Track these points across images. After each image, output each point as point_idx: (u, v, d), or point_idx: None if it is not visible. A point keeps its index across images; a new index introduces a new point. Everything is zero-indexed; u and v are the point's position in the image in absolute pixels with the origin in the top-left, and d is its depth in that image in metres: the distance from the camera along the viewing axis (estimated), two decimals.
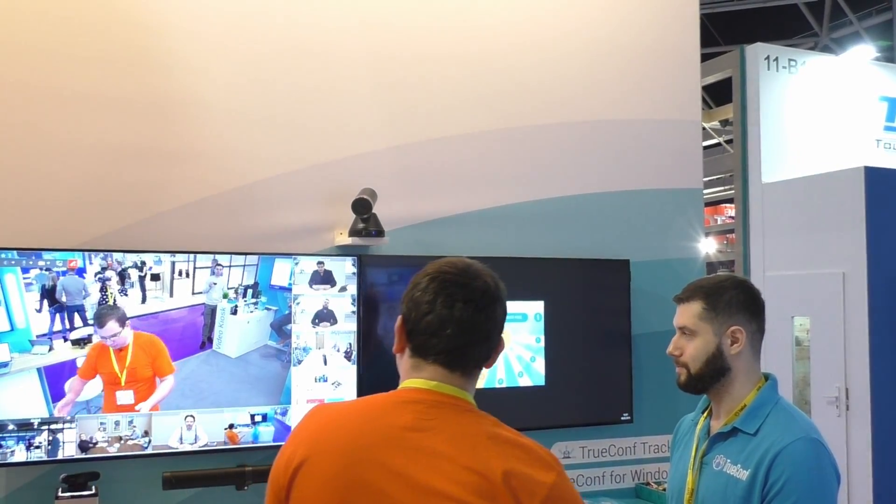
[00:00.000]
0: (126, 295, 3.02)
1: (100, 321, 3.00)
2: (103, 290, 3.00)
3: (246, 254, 3.20)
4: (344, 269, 3.32)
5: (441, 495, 1.41)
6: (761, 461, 1.91)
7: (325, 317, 3.28)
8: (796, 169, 7.24)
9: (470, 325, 1.52)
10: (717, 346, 2.06)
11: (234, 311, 3.16)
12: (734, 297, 2.08)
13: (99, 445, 2.98)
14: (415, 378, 1.55)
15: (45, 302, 2.94)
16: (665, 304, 2.33)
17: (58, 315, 2.96)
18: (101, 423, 2.98)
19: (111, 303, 3.01)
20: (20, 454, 2.89)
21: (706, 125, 11.62)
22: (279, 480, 1.53)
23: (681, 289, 2.17)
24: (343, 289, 3.31)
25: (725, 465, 2.00)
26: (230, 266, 3.16)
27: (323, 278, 3.29)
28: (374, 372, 3.36)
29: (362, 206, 3.28)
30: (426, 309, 1.53)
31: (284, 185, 3.42)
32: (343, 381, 3.29)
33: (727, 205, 14.29)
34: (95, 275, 2.99)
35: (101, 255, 3.01)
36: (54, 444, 2.92)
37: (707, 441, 2.10)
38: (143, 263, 3.06)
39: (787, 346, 7.10)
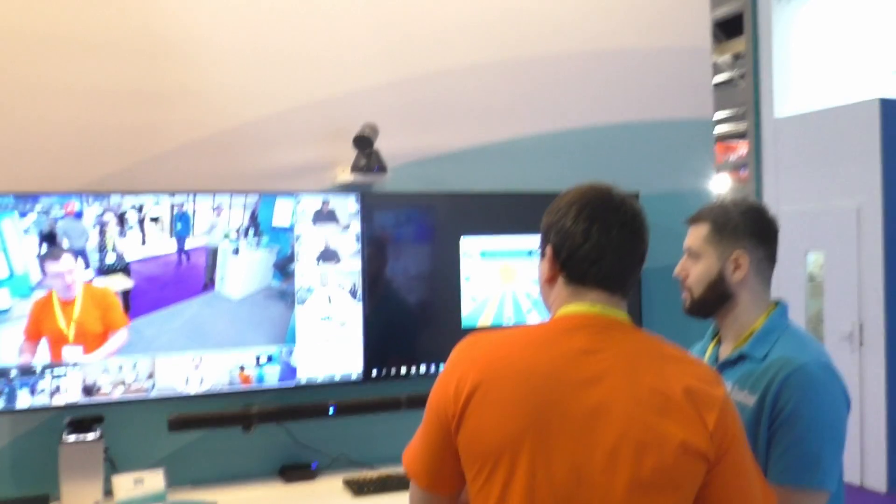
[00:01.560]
0: (125, 237, 2.97)
1: (54, 255, 2.88)
2: (102, 233, 2.95)
3: (246, 193, 3.14)
4: (347, 206, 3.26)
5: (624, 416, 1.43)
6: (769, 386, 1.85)
7: (328, 256, 3.23)
8: (810, 103, 7.09)
9: (628, 250, 1.55)
10: (719, 270, 2.00)
11: (236, 252, 3.12)
12: (742, 222, 2.01)
13: (103, 390, 2.96)
14: (576, 303, 1.56)
15: (45, 246, 2.89)
16: (677, 237, 2.26)
17: None
18: (105, 368, 2.96)
19: (110, 248, 2.96)
20: (24, 399, 2.87)
21: (718, 60, 11.41)
22: (447, 410, 1.52)
23: None
24: (346, 227, 3.25)
25: (733, 391, 1.94)
26: (230, 206, 3.11)
27: (326, 217, 3.23)
28: (380, 310, 3.32)
29: (364, 141, 3.21)
30: (581, 239, 1.54)
31: (283, 123, 3.34)
32: (348, 321, 3.25)
33: (740, 141, 14.09)
34: (96, 217, 2.94)
35: (99, 197, 2.95)
36: (58, 389, 2.90)
37: (715, 368, 2.04)
38: (142, 206, 3.00)
39: (801, 282, 7.04)
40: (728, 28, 11.00)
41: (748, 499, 1.50)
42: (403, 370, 3.34)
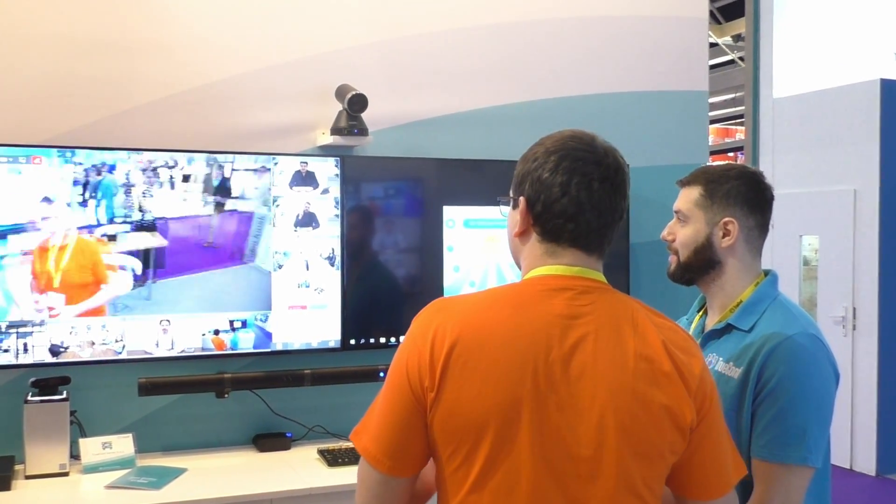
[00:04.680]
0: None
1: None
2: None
3: (222, 153, 3.04)
4: (326, 170, 3.16)
5: (610, 384, 1.35)
6: (754, 358, 1.77)
7: (306, 220, 3.13)
8: (809, 83, 6.98)
9: (608, 207, 1.43)
10: (707, 236, 1.91)
11: None
12: (735, 188, 1.91)
13: (70, 350, 2.87)
14: (552, 265, 1.44)
15: None
16: (666, 212, 2.14)
17: None
18: (73, 328, 2.87)
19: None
20: None
21: (718, 41, 11.29)
22: (421, 380, 1.37)
23: None
24: (325, 191, 3.16)
25: (717, 362, 1.86)
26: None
27: (304, 179, 3.13)
28: (359, 278, 3.23)
29: (359, 103, 3.09)
30: (558, 192, 1.42)
31: (263, 82, 3.23)
32: (326, 287, 3.16)
33: (739, 127, 14.00)
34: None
35: (65, 152, 2.84)
36: (24, 349, 2.81)
37: (700, 339, 1.96)
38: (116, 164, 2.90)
39: (795, 265, 6.96)
40: (728, 12, 10.89)
41: (719, 466, 1.44)
42: (382, 340, 3.25)
